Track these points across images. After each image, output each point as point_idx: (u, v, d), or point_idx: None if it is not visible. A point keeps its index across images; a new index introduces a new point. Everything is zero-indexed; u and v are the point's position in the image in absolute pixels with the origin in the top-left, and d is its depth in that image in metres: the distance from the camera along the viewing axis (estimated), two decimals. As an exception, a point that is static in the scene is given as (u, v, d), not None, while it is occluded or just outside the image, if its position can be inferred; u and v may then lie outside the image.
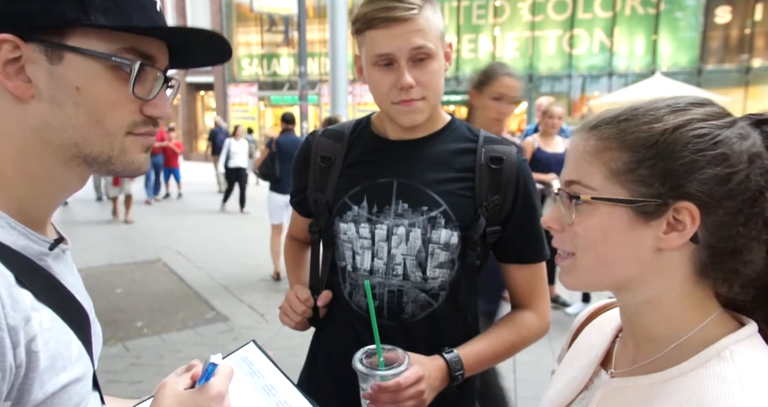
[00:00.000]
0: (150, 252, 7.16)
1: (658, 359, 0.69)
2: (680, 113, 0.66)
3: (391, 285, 1.22)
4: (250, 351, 1.02)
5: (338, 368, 1.24)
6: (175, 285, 5.82)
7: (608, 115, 0.70)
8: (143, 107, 0.70)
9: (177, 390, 0.75)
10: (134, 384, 3.61)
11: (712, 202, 0.63)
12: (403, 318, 1.22)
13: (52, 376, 0.62)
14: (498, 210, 1.21)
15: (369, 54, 1.14)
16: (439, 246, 1.20)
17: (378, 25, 1.10)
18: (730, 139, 0.63)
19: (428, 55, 1.12)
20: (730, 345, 0.64)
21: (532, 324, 1.28)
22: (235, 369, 0.95)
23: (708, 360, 0.64)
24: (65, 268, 0.74)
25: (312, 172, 1.32)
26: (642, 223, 0.65)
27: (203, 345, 4.24)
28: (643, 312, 0.71)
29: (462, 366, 1.16)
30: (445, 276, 1.22)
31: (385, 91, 1.15)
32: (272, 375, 0.98)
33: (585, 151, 0.69)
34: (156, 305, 5.17)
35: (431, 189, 1.20)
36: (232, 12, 21.93)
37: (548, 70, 19.27)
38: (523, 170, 1.24)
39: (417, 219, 1.20)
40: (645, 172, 0.64)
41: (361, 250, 1.24)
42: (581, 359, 0.84)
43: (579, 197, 0.68)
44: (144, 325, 4.67)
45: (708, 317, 0.68)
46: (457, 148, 1.24)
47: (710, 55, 17.77)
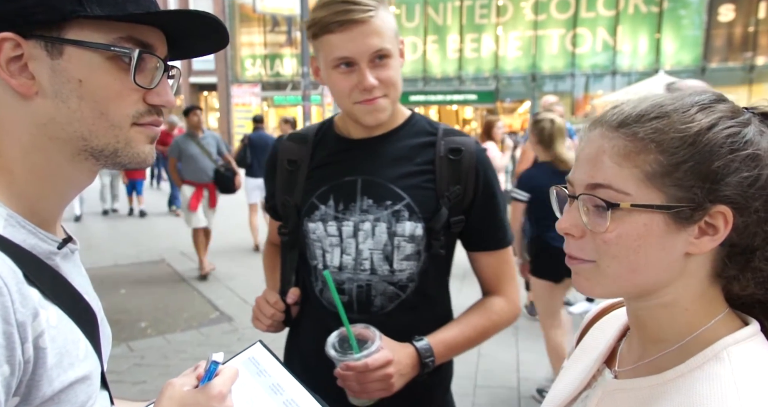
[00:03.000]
0: (154, 252, 7.18)
1: (660, 359, 0.68)
2: (709, 111, 0.63)
3: (360, 280, 1.25)
4: (257, 351, 1.03)
5: (312, 362, 1.27)
6: (179, 286, 5.84)
7: (632, 112, 0.65)
8: (146, 96, 0.70)
9: (179, 390, 0.76)
10: (138, 385, 3.62)
11: (745, 203, 0.61)
12: (373, 311, 1.25)
13: (60, 373, 0.62)
14: (460, 200, 1.25)
15: (328, 57, 1.17)
16: (405, 239, 1.23)
17: (335, 29, 1.12)
18: (755, 137, 0.62)
19: (387, 55, 1.16)
20: (729, 346, 0.63)
21: (502, 309, 1.31)
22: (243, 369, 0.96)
23: (706, 361, 0.63)
24: (73, 268, 0.74)
25: (279, 175, 1.35)
26: (676, 229, 0.62)
27: (207, 346, 4.25)
28: (654, 315, 0.69)
29: (432, 354, 1.18)
30: (412, 267, 1.25)
31: (347, 92, 1.18)
32: (279, 374, 0.99)
33: (613, 152, 0.63)
34: (160, 305, 5.19)
35: (394, 184, 1.23)
36: (235, 13, 21.99)
37: (551, 69, 19.25)
38: (482, 160, 1.28)
39: (381, 213, 1.23)
40: (683, 175, 0.61)
41: (330, 248, 1.27)
42: (586, 357, 0.83)
43: (617, 204, 0.62)
44: (148, 326, 4.69)
45: (715, 317, 0.66)
46: (417, 143, 1.27)
47: (714, 53, 17.73)
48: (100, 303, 0.81)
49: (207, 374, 0.79)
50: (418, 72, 20.49)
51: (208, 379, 0.79)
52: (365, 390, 1.11)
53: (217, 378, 0.79)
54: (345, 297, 1.25)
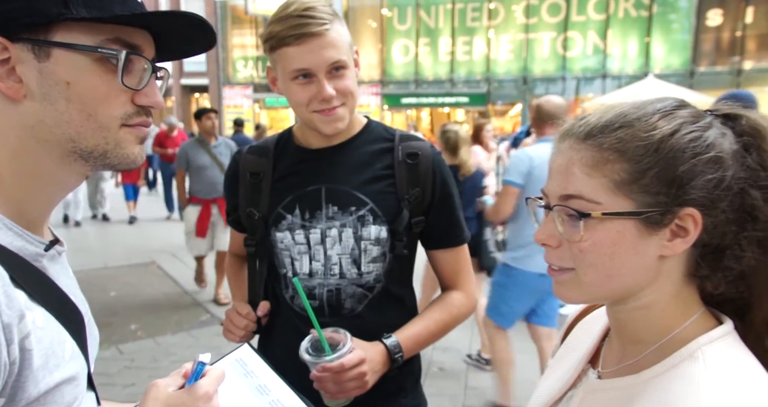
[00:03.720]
0: (145, 255, 7.13)
1: (640, 360, 0.69)
2: (670, 117, 0.65)
3: (330, 285, 1.30)
4: (245, 352, 1.04)
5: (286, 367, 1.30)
6: (170, 288, 5.81)
7: (597, 123, 0.67)
8: (134, 97, 0.70)
9: (164, 391, 0.76)
10: (128, 387, 3.60)
11: (711, 204, 0.63)
12: (344, 314, 1.30)
13: (46, 375, 0.62)
14: (420, 202, 1.30)
15: (287, 69, 1.19)
16: (371, 242, 1.28)
17: (292, 42, 1.15)
18: (717, 140, 0.64)
19: (343, 66, 1.19)
20: (703, 346, 0.64)
21: (462, 302, 1.37)
22: (230, 371, 0.97)
23: (681, 360, 0.64)
24: (60, 270, 0.74)
25: (242, 188, 1.37)
26: (648, 233, 0.64)
27: (198, 348, 4.23)
28: (632, 318, 0.70)
29: (401, 349, 1.24)
30: (378, 269, 1.30)
31: (306, 102, 1.21)
32: (266, 375, 0.99)
33: (582, 163, 0.66)
34: (150, 308, 5.16)
35: (357, 190, 1.28)
36: (226, 14, 21.94)
37: (542, 72, 19.36)
38: (438, 163, 1.33)
39: (347, 219, 1.28)
40: (649, 182, 0.63)
41: (299, 255, 1.31)
42: (571, 357, 0.84)
43: (589, 214, 0.64)
44: (138, 328, 4.66)
45: (691, 317, 0.68)
46: (376, 149, 1.32)
47: (702, 58, 17.91)
48: (87, 304, 0.81)
49: (193, 375, 0.79)
50: (410, 74, 20.54)
51: (194, 380, 0.79)
52: (342, 390, 1.15)
53: (203, 379, 0.79)
54: (316, 302, 1.29)
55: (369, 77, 20.76)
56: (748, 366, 0.63)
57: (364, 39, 20.92)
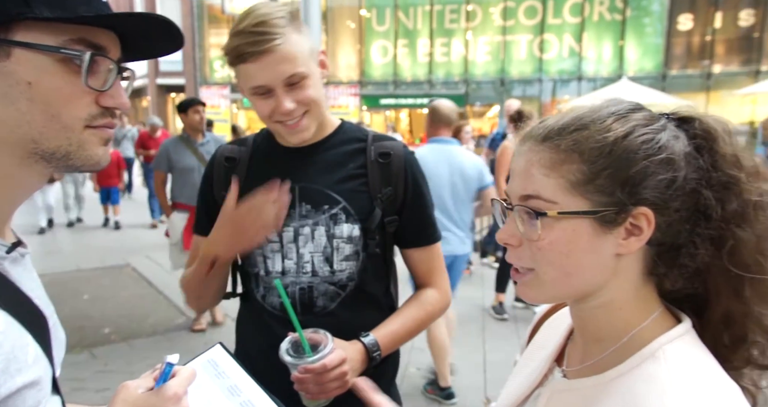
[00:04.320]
0: (119, 257, 7.01)
1: (603, 359, 0.71)
2: (624, 120, 0.67)
3: (302, 283, 1.31)
4: (217, 353, 1.03)
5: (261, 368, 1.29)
6: (145, 290, 5.72)
7: (555, 126, 0.69)
8: (99, 99, 0.69)
9: (134, 393, 0.75)
10: (101, 392, 3.53)
11: (663, 204, 0.65)
12: (316, 312, 1.31)
13: (7, 379, 0.61)
14: (392, 201, 1.32)
15: (246, 85, 1.21)
16: (343, 240, 1.29)
17: (248, 58, 1.16)
18: (669, 142, 0.66)
19: (302, 77, 1.19)
20: (664, 345, 0.66)
21: (436, 299, 1.40)
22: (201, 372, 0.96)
23: (644, 360, 0.65)
24: (23, 272, 0.73)
25: (216, 174, 1.38)
26: (603, 232, 0.66)
27: (173, 351, 4.13)
28: (594, 316, 0.72)
29: (379, 347, 1.26)
30: (351, 267, 1.31)
31: (268, 115, 1.23)
32: (237, 375, 0.99)
33: (540, 164, 0.68)
34: (124, 311, 5.07)
35: (330, 189, 1.29)
36: (203, 13, 21.68)
37: (519, 74, 19.57)
38: (410, 162, 1.36)
39: (320, 217, 1.29)
40: (603, 182, 0.65)
41: (272, 254, 1.31)
42: (538, 355, 0.86)
43: (545, 213, 0.66)
44: (112, 331, 4.57)
45: (650, 316, 0.69)
46: (349, 149, 1.34)
47: (674, 61, 18.32)
48: (52, 307, 0.80)
49: (162, 376, 0.79)
50: (388, 75, 20.57)
51: (163, 381, 0.78)
52: (324, 390, 1.14)
53: (172, 380, 0.79)
54: (288, 299, 1.27)
55: (348, 78, 20.74)
56: (708, 365, 0.65)
57: (342, 40, 20.89)
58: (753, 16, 17.25)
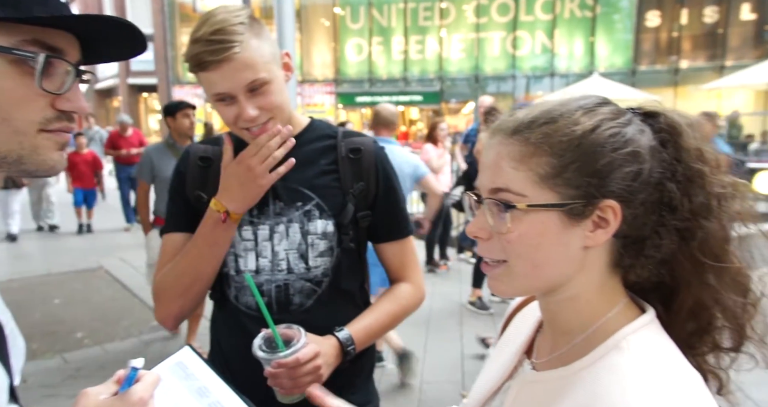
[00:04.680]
0: (91, 260, 6.86)
1: (570, 350, 0.71)
2: (592, 114, 0.68)
3: (277, 281, 1.30)
4: (186, 355, 1.02)
5: (237, 367, 1.29)
6: (119, 293, 5.61)
7: (524, 119, 0.69)
8: (55, 102, 0.67)
9: (94, 399, 0.73)
10: (73, 398, 3.44)
11: (630, 196, 0.66)
12: (292, 310, 1.30)
13: None
14: (364, 196, 1.33)
15: (209, 92, 1.20)
16: (318, 236, 1.29)
17: (207, 67, 1.14)
18: (635, 136, 0.67)
19: (263, 83, 1.17)
20: (628, 335, 0.66)
21: (410, 293, 1.40)
22: (169, 375, 0.94)
23: (608, 351, 0.66)
24: None
25: (190, 174, 1.35)
26: (571, 225, 0.66)
27: (148, 354, 4.10)
28: (561, 308, 0.73)
29: (353, 342, 1.26)
30: (326, 263, 1.31)
31: (233, 121, 1.21)
32: (207, 377, 0.98)
33: (509, 157, 0.68)
34: (98, 314, 4.96)
35: (302, 185, 1.29)
36: (174, 12, 21.33)
37: (493, 71, 19.73)
38: (380, 157, 1.37)
39: (293, 214, 1.29)
40: (571, 175, 0.65)
41: (245, 252, 1.30)
42: (508, 349, 0.86)
43: (515, 206, 0.67)
44: (84, 336, 4.47)
45: (615, 307, 0.70)
46: (319, 146, 1.34)
47: (643, 57, 18.68)
48: (9, 313, 0.77)
49: (126, 381, 0.77)
50: (363, 73, 20.54)
51: (127, 386, 0.76)
52: (297, 385, 1.13)
53: (137, 384, 0.77)
54: (264, 298, 1.27)
55: (323, 76, 20.65)
56: (670, 353, 0.66)
57: (317, 38, 20.78)
58: (717, 13, 17.69)
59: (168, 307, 1.32)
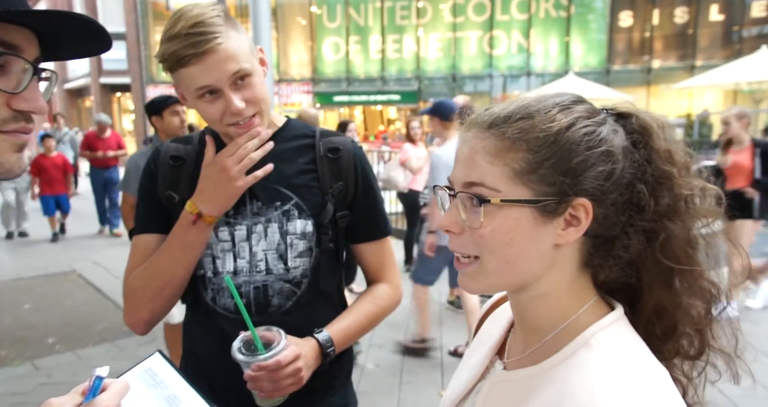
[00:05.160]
0: (63, 263, 6.70)
1: (540, 349, 0.71)
2: (568, 111, 0.68)
3: (256, 282, 1.28)
4: (155, 361, 1.00)
5: (212, 371, 1.27)
6: (92, 297, 5.49)
7: (501, 113, 0.69)
8: (11, 101, 0.64)
9: None
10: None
11: (602, 196, 0.66)
12: (271, 311, 1.28)
13: None
14: (343, 196, 1.32)
15: (190, 88, 1.16)
16: (297, 237, 1.28)
17: (189, 62, 1.11)
18: (609, 135, 0.67)
19: (247, 74, 1.16)
20: (597, 333, 0.67)
21: (388, 294, 1.39)
22: (138, 382, 0.92)
23: (578, 348, 0.66)
24: None
25: (161, 172, 1.31)
26: (544, 222, 0.66)
27: (122, 359, 4.02)
28: (532, 306, 0.73)
29: (332, 343, 1.25)
30: (305, 263, 1.30)
31: (219, 118, 1.18)
32: (177, 384, 0.96)
33: (485, 151, 0.68)
34: (70, 319, 4.85)
35: (281, 185, 1.27)
36: (147, 10, 20.95)
37: (470, 70, 19.85)
38: (359, 157, 1.36)
39: (272, 214, 1.27)
40: (546, 172, 0.65)
41: (222, 253, 1.27)
42: (481, 349, 0.86)
43: (488, 200, 0.66)
44: (56, 341, 4.36)
45: (585, 305, 0.70)
46: (297, 145, 1.33)
47: (617, 56, 18.99)
48: None
49: (91, 390, 0.75)
50: (341, 72, 20.48)
51: (92, 396, 0.74)
52: (278, 388, 1.12)
53: (103, 394, 0.74)
54: (243, 300, 1.24)
55: (300, 75, 20.53)
56: (638, 350, 0.66)
57: (293, 36, 20.65)
58: (687, 14, 18.08)
59: (138, 311, 1.28)
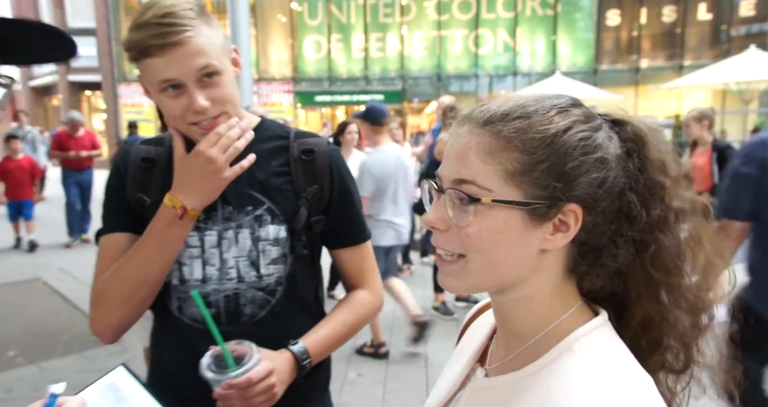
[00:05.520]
0: (27, 271, 6.56)
1: (522, 354, 0.72)
2: (565, 114, 0.68)
3: (227, 290, 1.25)
4: (119, 376, 0.98)
5: (181, 385, 1.23)
6: (58, 306, 5.37)
7: (497, 111, 0.69)
8: None
9: None
10: (5, 422, 3.27)
11: (593, 203, 0.67)
12: (243, 321, 1.25)
13: None
14: (318, 200, 1.30)
15: (153, 81, 1.13)
16: (269, 243, 1.26)
17: (155, 52, 1.08)
18: (604, 142, 0.68)
19: (215, 72, 1.13)
20: (581, 338, 0.67)
21: (368, 301, 1.39)
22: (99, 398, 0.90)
23: (561, 354, 0.67)
24: None
25: (131, 175, 1.28)
26: (533, 226, 0.67)
27: (90, 372, 3.92)
28: (515, 310, 0.73)
29: (308, 355, 1.23)
30: (279, 271, 1.27)
31: (180, 115, 1.15)
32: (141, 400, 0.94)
33: (479, 148, 0.68)
34: (34, 329, 4.74)
35: (253, 189, 1.25)
36: (119, 4, 20.71)
37: (456, 70, 19.97)
38: (335, 159, 1.34)
39: (243, 219, 1.25)
40: (540, 175, 0.66)
41: (190, 260, 1.24)
42: (463, 357, 0.86)
43: (479, 199, 0.67)
44: (18, 354, 4.25)
45: (569, 310, 0.71)
46: (270, 147, 1.30)
47: (604, 56, 19.26)
48: None
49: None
50: (323, 71, 20.45)
51: None
52: (250, 406, 1.10)
53: None
54: (212, 309, 1.23)
55: (280, 74, 20.45)
56: (622, 356, 0.67)
57: (273, 34, 20.58)
58: (675, 12, 18.40)
59: (107, 317, 1.22)
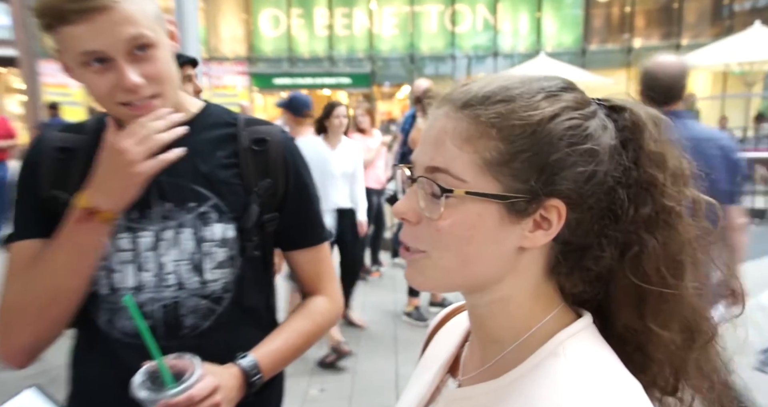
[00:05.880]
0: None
1: (501, 361, 0.71)
2: (554, 99, 0.68)
3: (164, 299, 1.21)
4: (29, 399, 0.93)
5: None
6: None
7: (478, 92, 0.68)
8: None
9: None
10: None
11: (578, 199, 0.66)
12: (183, 334, 1.22)
13: None
14: (272, 195, 1.29)
15: (73, 53, 1.07)
16: (215, 244, 1.23)
17: (73, 19, 1.02)
18: (596, 132, 0.67)
19: (149, 44, 1.08)
20: (564, 341, 0.68)
21: (326, 308, 1.39)
22: None
23: (545, 358, 0.67)
24: None
25: (46, 169, 1.22)
26: (510, 221, 0.67)
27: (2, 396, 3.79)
28: (491, 313, 0.73)
29: (259, 370, 1.20)
30: (227, 276, 1.24)
31: (107, 93, 1.10)
32: None
33: (455, 133, 0.67)
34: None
35: (195, 183, 1.22)
36: (45, -27, 20.21)
37: (430, 50, 20.08)
38: (290, 149, 1.33)
39: (185, 218, 1.21)
40: (520, 166, 0.65)
41: (121, 265, 1.20)
42: (431, 368, 0.85)
43: (452, 191, 0.66)
44: None
45: (550, 313, 0.71)
46: (216, 135, 1.28)
47: (593, 35, 19.63)
48: None
49: None
50: (282, 51, 20.34)
51: None
52: None
53: None
54: (148, 321, 1.16)
55: (233, 53, 20.26)
56: (607, 359, 0.68)
57: (225, 8, 20.37)
58: (671, -13, 18.85)
59: (17, 337, 1.17)
